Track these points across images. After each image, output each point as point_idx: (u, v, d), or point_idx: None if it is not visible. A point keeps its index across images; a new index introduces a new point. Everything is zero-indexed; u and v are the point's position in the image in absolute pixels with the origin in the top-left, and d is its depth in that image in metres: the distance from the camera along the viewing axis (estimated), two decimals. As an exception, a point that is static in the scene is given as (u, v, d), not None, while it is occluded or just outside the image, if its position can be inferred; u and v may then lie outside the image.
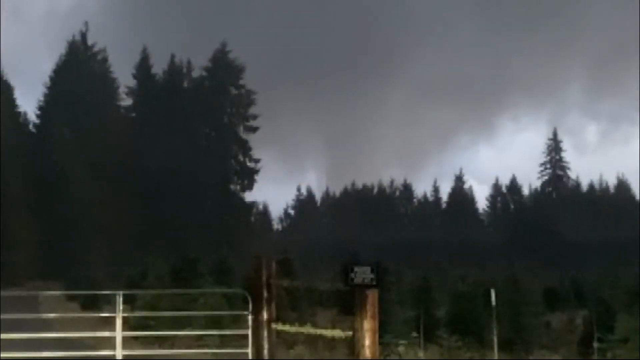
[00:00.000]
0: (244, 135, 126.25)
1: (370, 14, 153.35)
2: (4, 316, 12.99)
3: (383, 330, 15.51)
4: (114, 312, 13.37)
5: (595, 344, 35.31)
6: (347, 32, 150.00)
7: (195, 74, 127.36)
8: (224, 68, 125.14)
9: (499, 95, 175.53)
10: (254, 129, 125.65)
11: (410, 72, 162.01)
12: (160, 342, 25.37)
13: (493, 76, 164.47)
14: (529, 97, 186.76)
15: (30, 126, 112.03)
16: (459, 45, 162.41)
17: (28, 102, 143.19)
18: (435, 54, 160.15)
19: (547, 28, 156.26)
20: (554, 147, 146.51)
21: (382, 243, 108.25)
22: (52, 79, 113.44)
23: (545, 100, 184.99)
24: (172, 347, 24.33)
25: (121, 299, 13.30)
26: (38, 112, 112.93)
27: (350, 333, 10.56)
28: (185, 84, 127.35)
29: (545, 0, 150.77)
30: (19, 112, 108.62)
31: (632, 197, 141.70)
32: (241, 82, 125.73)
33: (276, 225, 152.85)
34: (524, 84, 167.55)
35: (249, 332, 12.38)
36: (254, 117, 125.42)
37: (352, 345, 10.39)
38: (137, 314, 25.11)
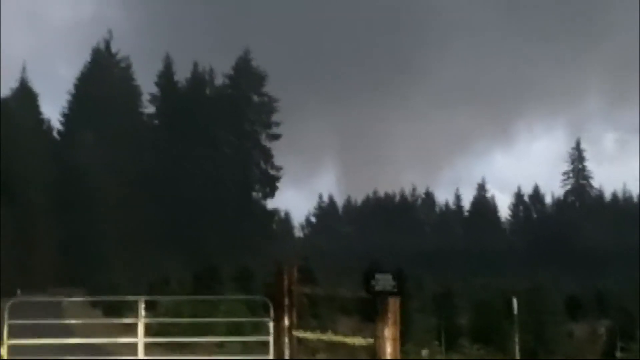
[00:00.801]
0: (266, 142, 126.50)
1: (390, 21, 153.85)
2: (28, 322, 13.08)
3: (404, 338, 15.50)
4: (136, 318, 13.45)
5: (618, 354, 35.15)
6: (369, 39, 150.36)
7: (218, 81, 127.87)
8: (246, 76, 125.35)
9: (520, 103, 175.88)
10: (276, 137, 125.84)
11: (431, 78, 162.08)
12: (182, 348, 25.43)
13: (514, 83, 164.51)
14: (550, 104, 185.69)
15: (54, 132, 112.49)
16: (479, 51, 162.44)
17: (52, 108, 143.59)
18: (455, 61, 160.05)
19: (568, 35, 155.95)
20: (577, 156, 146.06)
21: (403, 251, 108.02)
22: (76, 86, 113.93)
23: (567, 109, 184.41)
24: (193, 354, 24.41)
25: (143, 305, 13.37)
26: (62, 119, 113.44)
27: (371, 340, 10.58)
28: (208, 92, 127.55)
29: (566, 8, 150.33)
30: (43, 119, 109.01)
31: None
32: (263, 89, 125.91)
33: (298, 233, 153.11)
34: (544, 91, 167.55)
35: (270, 339, 12.43)
36: (276, 124, 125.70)
37: (374, 353, 10.41)
38: (159, 320, 25.18)
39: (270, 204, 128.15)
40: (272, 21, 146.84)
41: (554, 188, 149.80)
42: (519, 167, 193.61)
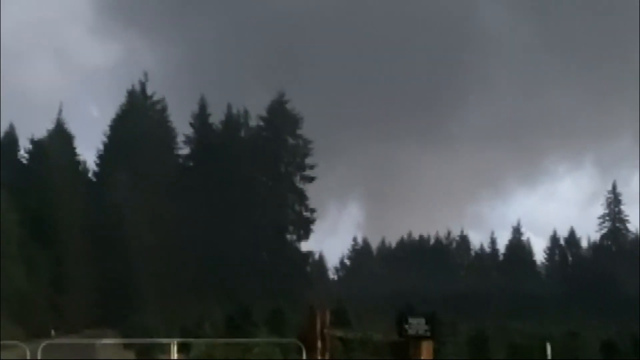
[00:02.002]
0: (300, 184, 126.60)
1: (421, 63, 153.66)
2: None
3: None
4: (169, 360, 13.45)
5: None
6: (404, 80, 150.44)
7: (252, 123, 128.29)
8: (281, 118, 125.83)
9: (554, 143, 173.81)
10: (310, 179, 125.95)
11: (465, 118, 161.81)
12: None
13: (546, 126, 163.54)
14: (583, 145, 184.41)
15: (90, 174, 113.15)
16: (513, 89, 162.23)
17: (88, 150, 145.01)
18: (489, 99, 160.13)
19: (600, 74, 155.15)
20: (613, 200, 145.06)
21: (438, 294, 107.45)
22: (111, 127, 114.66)
23: (600, 150, 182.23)
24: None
25: (176, 347, 13.38)
26: (97, 161, 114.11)
27: (404, 385, 10.49)
28: (243, 133, 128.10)
29: (593, 48, 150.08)
30: (79, 161, 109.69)
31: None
32: (298, 132, 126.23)
33: (332, 275, 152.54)
34: (578, 131, 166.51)
35: (303, 382, 12.37)
36: (311, 167, 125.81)
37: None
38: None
39: (305, 246, 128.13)
40: (308, 64, 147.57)
41: (589, 231, 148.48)
42: (553, 209, 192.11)
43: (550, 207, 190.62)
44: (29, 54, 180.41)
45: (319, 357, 11.93)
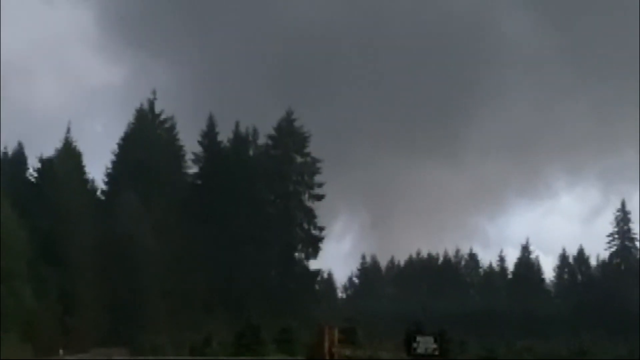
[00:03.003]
0: (309, 203, 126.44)
1: (429, 81, 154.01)
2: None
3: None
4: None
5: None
6: (411, 98, 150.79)
7: (261, 141, 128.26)
8: (289, 136, 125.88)
9: (564, 162, 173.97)
10: (319, 197, 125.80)
11: (473, 137, 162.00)
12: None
13: (557, 144, 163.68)
14: (593, 163, 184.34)
15: (99, 192, 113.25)
16: (520, 104, 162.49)
17: (96, 168, 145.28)
18: (495, 117, 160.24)
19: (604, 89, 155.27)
20: (622, 218, 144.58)
21: (447, 313, 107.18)
22: (120, 145, 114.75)
23: (612, 169, 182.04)
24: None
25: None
26: (106, 179, 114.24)
27: (412, 404, 10.45)
28: (251, 152, 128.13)
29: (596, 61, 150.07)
30: (87, 179, 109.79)
31: None
32: (306, 150, 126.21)
33: (340, 294, 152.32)
34: (588, 150, 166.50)
35: (311, 401, 12.34)
36: (319, 185, 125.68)
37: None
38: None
39: (313, 264, 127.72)
40: (315, 82, 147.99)
41: (598, 250, 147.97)
42: (562, 226, 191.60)
43: (558, 225, 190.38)
44: (38, 72, 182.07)
45: (327, 376, 11.91)
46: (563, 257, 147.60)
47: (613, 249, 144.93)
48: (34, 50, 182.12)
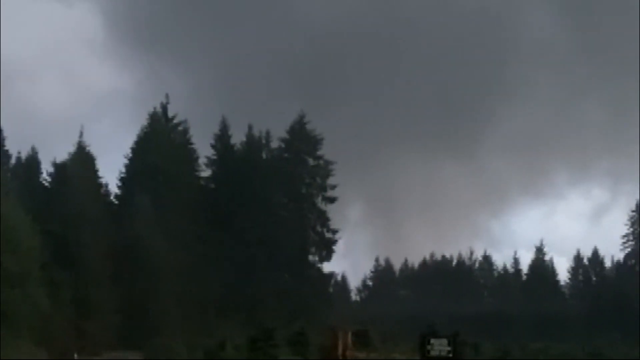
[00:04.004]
0: (321, 205, 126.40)
1: (441, 82, 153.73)
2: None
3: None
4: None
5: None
6: (425, 100, 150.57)
7: (274, 144, 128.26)
8: (301, 139, 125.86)
9: (575, 163, 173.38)
10: (332, 200, 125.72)
11: (489, 135, 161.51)
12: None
13: (570, 144, 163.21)
14: (607, 164, 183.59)
15: (112, 196, 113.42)
16: (537, 104, 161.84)
17: (109, 172, 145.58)
18: (511, 117, 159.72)
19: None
20: (637, 219, 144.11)
21: (461, 315, 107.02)
22: (133, 149, 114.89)
23: (624, 170, 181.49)
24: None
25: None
26: (119, 183, 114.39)
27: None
28: (264, 155, 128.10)
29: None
30: (101, 183, 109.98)
31: None
32: (319, 152, 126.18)
33: (354, 297, 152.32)
34: (604, 150, 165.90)
35: (324, 404, 12.28)
36: (332, 187, 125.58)
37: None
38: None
39: (327, 267, 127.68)
40: (328, 85, 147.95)
41: (613, 251, 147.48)
42: (579, 230, 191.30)
43: (569, 225, 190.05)
44: (51, 77, 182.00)
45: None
46: (577, 259, 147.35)
47: (628, 250, 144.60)
48: (44, 55, 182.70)
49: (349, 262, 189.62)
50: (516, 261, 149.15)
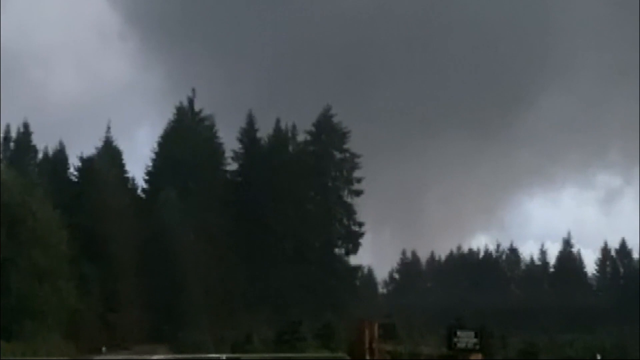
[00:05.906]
0: (348, 198, 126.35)
1: (471, 72, 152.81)
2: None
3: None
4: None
5: None
6: (453, 91, 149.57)
7: (300, 138, 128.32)
8: (328, 132, 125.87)
9: (606, 155, 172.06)
10: (358, 193, 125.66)
11: (515, 125, 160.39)
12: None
13: (598, 136, 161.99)
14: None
15: (139, 191, 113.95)
16: (573, 91, 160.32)
17: (136, 167, 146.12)
18: (543, 106, 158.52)
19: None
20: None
21: (488, 307, 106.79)
22: (159, 144, 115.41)
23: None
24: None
25: (225, 362, 13.40)
26: (146, 177, 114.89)
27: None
28: (290, 148, 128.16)
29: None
30: (127, 177, 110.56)
31: None
32: (345, 146, 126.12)
33: (381, 289, 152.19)
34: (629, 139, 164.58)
35: (351, 396, 12.34)
36: (359, 180, 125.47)
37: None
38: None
39: (353, 260, 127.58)
40: (354, 78, 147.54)
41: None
42: (607, 222, 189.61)
43: (600, 219, 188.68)
44: (78, 73, 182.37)
45: (368, 372, 11.89)
46: (605, 251, 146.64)
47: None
48: (76, 52, 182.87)
49: (376, 255, 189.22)
50: (543, 253, 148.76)
